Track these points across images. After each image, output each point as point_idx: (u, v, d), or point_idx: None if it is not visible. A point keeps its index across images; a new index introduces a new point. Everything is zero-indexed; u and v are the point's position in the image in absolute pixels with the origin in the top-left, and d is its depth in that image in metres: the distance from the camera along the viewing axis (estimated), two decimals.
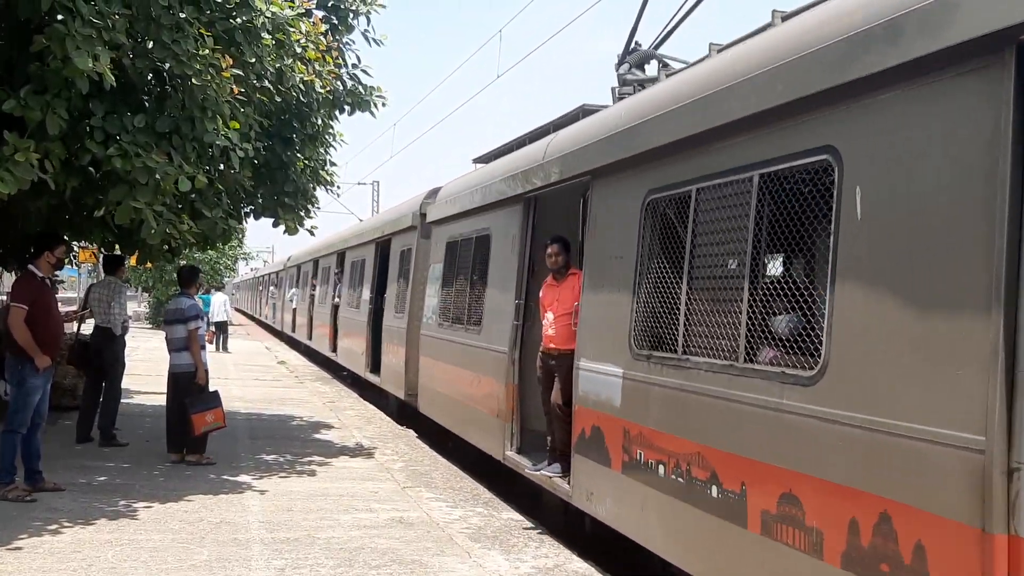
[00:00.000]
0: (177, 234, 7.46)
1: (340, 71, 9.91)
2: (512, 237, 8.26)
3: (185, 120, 7.12)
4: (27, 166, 6.02)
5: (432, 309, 10.93)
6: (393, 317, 13.28)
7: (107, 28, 6.18)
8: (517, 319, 7.96)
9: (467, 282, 9.53)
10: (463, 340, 9.46)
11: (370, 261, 15.96)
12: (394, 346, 13.05)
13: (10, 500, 6.85)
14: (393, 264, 13.99)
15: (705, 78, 5.28)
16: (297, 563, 5.74)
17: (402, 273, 13.14)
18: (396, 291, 13.38)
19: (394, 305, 13.35)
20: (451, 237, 10.43)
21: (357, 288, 17.03)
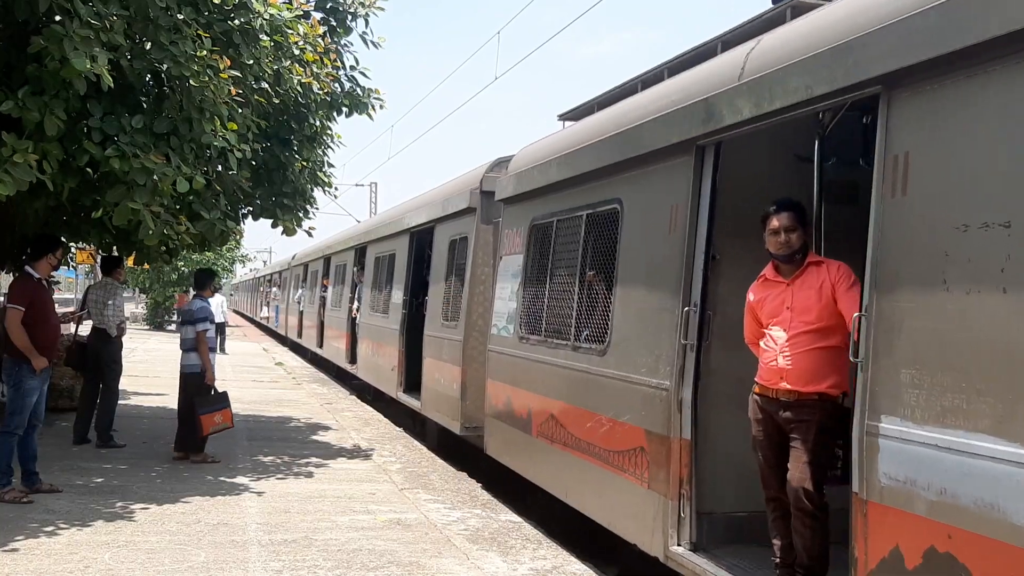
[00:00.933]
0: (175, 235, 7.45)
1: (338, 73, 9.91)
2: (670, 209, 5.51)
3: (183, 121, 7.11)
4: (25, 167, 6.02)
5: (507, 317, 8.24)
6: (440, 326, 10.61)
7: (105, 29, 6.18)
8: (689, 337, 5.20)
9: (573, 279, 6.91)
10: (572, 364, 6.72)
11: (402, 256, 13.13)
12: (442, 364, 10.45)
13: (7, 502, 6.83)
14: (438, 259, 11.24)
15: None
16: (295, 565, 5.74)
17: (452, 270, 10.51)
18: (443, 293, 10.68)
19: (441, 311, 10.70)
20: (540, 217, 7.73)
21: (384, 289, 14.22)
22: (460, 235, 10.33)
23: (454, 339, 10.00)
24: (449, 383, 10.12)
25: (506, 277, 8.43)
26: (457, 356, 9.80)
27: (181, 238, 7.73)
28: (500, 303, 8.54)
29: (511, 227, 8.47)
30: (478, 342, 9.36)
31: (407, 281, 12.71)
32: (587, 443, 6.44)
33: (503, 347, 8.28)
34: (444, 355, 10.39)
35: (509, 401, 8.10)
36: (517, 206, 8.41)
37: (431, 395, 11.07)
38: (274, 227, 10.37)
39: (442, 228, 11.19)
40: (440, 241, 11.22)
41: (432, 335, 11.06)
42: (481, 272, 9.57)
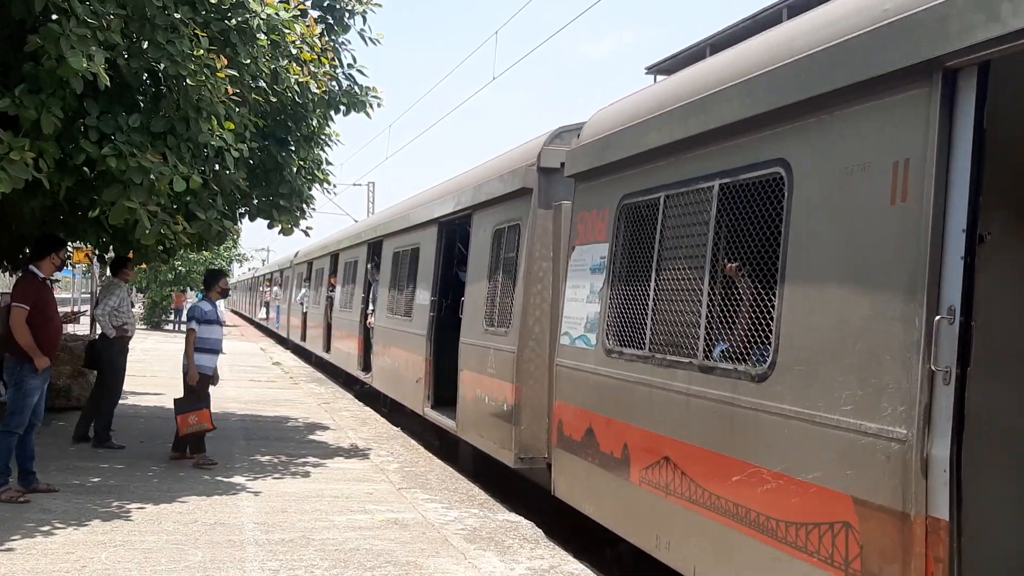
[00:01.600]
0: (172, 235, 7.45)
1: (336, 71, 9.90)
2: (891, 169, 3.82)
3: (180, 120, 7.11)
4: (22, 165, 6.01)
5: (585, 323, 6.53)
6: (483, 333, 8.90)
7: (102, 28, 6.18)
8: (941, 361, 3.50)
9: (697, 274, 5.11)
10: (702, 390, 4.96)
11: (429, 250, 11.41)
12: (486, 379, 8.72)
13: (3, 501, 6.82)
14: (477, 252, 9.56)
15: None
16: (292, 564, 5.73)
17: (499, 265, 8.76)
18: (485, 293, 9.05)
19: (483, 315, 8.98)
20: (636, 194, 5.99)
21: (406, 289, 12.45)
22: (509, 223, 8.52)
23: (504, 349, 8.18)
24: (496, 402, 8.33)
25: (581, 272, 6.71)
26: (508, 370, 7.99)
27: (178, 237, 7.72)
28: (573, 306, 6.75)
29: (588, 208, 6.70)
30: (535, 353, 7.77)
31: (435, 279, 10.95)
32: (733, 504, 4.62)
33: (580, 362, 6.49)
34: (490, 368, 8.57)
35: (591, 433, 6.27)
36: (597, 182, 6.63)
37: (470, 415, 9.22)
38: (271, 227, 10.36)
39: (483, 216, 9.39)
40: (480, 231, 9.47)
41: (472, 343, 9.23)
42: (538, 267, 7.81)
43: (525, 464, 7.86)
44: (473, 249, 9.75)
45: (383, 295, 13.94)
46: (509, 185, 8.50)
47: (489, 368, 8.61)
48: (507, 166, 8.83)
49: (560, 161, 7.51)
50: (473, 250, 9.75)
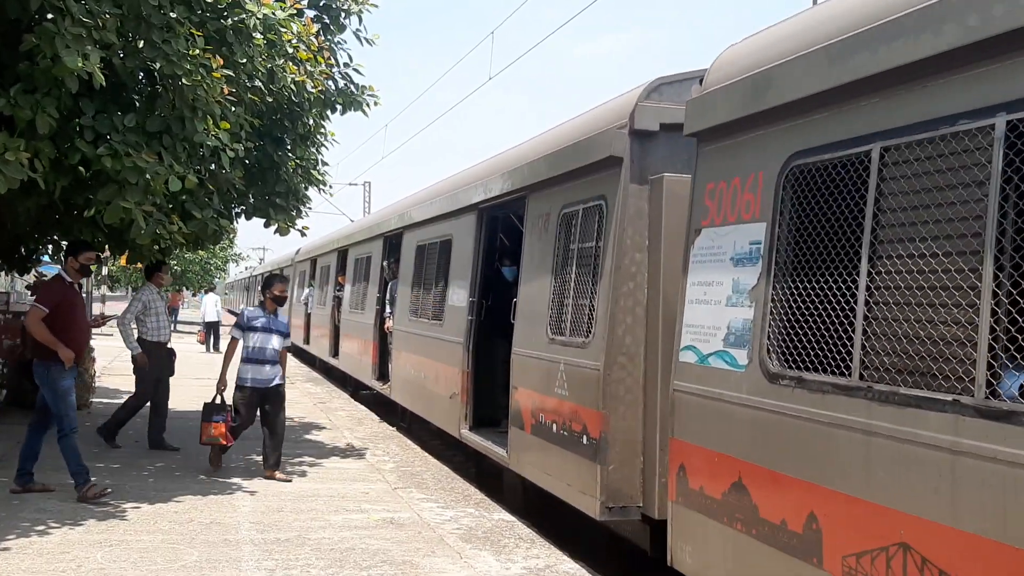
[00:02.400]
0: (167, 234, 7.44)
1: (331, 71, 9.90)
2: None
3: (175, 120, 7.10)
4: (17, 165, 6.00)
5: (727, 334, 4.85)
6: (546, 344, 7.18)
7: (97, 27, 6.17)
8: None
9: (967, 263, 3.43)
10: (995, 448, 3.19)
11: (465, 243, 9.70)
12: (554, 400, 6.99)
13: (90, 499, 6.99)
14: (535, 243, 7.73)
15: None
16: (287, 564, 5.73)
17: (569, 258, 7.04)
18: (548, 293, 7.27)
19: (548, 321, 7.21)
20: (818, 150, 4.32)
21: (433, 288, 10.76)
22: (585, 204, 6.82)
23: (583, 366, 6.50)
24: (571, 433, 6.66)
25: (715, 264, 5.02)
26: (590, 392, 6.33)
27: (173, 237, 7.71)
28: (700, 311, 5.08)
29: (725, 176, 5.00)
30: (626, 372, 6.15)
31: (473, 277, 9.25)
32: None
33: (719, 388, 4.79)
34: (559, 388, 6.90)
35: (742, 489, 4.58)
36: (743, 139, 4.87)
37: (530, 446, 7.47)
38: (267, 226, 10.36)
39: (543, 198, 7.70)
40: (539, 217, 7.71)
41: (530, 355, 7.50)
42: (629, 260, 6.15)
43: (614, 515, 6.19)
44: (529, 239, 7.89)
45: (404, 295, 12.15)
46: (586, 156, 6.77)
47: (559, 388, 6.88)
48: (580, 132, 7.08)
49: (660, 122, 6.15)
50: (529, 240, 7.89)
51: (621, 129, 6.32)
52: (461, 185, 10.22)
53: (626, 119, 6.30)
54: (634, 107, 6.27)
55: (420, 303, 11.31)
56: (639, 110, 6.25)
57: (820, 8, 4.76)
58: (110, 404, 12.65)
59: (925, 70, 3.65)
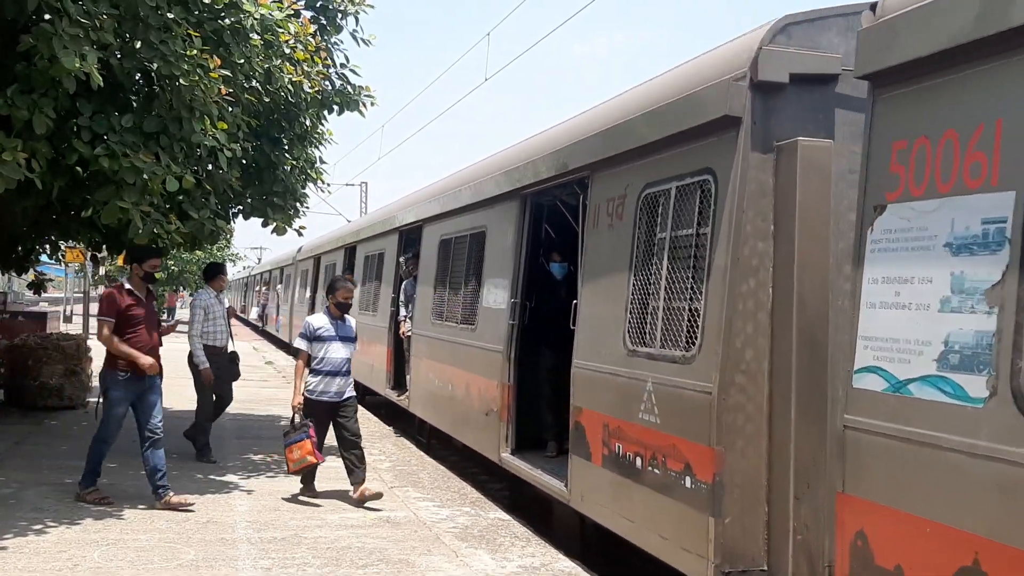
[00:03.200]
0: (164, 234, 7.45)
1: (329, 71, 9.92)
2: None
3: (173, 120, 7.11)
4: (14, 165, 6.01)
5: (943, 354, 3.45)
6: (624, 357, 5.88)
7: (95, 28, 6.18)
8: None
9: None
10: None
11: (505, 235, 8.41)
12: (640, 431, 5.66)
13: (88, 502, 7.00)
14: (606, 231, 6.39)
15: None
16: (284, 563, 5.75)
17: (656, 248, 5.71)
18: (625, 293, 5.96)
19: (625, 328, 5.90)
20: None
21: (462, 288, 9.52)
22: (682, 181, 5.45)
23: (684, 387, 5.17)
24: (665, 471, 5.32)
25: (919, 252, 3.67)
26: (696, 422, 5.04)
27: (171, 237, 7.72)
28: (890, 318, 3.75)
29: (929, 131, 3.67)
30: (747, 396, 4.87)
31: (515, 275, 7.98)
32: None
33: (939, 431, 3.43)
34: (646, 414, 5.56)
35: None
36: (964, 75, 3.56)
37: (600, 480, 6.12)
38: (264, 226, 10.38)
39: (613, 177, 6.35)
40: (608, 201, 6.35)
41: (598, 370, 6.24)
42: (750, 251, 4.90)
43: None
44: (593, 229, 6.57)
45: (425, 296, 10.85)
46: (686, 118, 5.36)
47: (645, 413, 5.53)
48: (675, 90, 5.65)
49: (789, 72, 4.87)
50: (593, 230, 6.57)
51: (739, 81, 4.94)
52: (498, 168, 8.79)
53: (744, 68, 4.92)
54: (756, 53, 4.91)
55: (446, 305, 10.04)
56: (763, 56, 4.89)
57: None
58: None
59: None
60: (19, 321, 14.83)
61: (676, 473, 5.19)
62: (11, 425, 10.34)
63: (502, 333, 8.08)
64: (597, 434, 6.18)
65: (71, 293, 40.96)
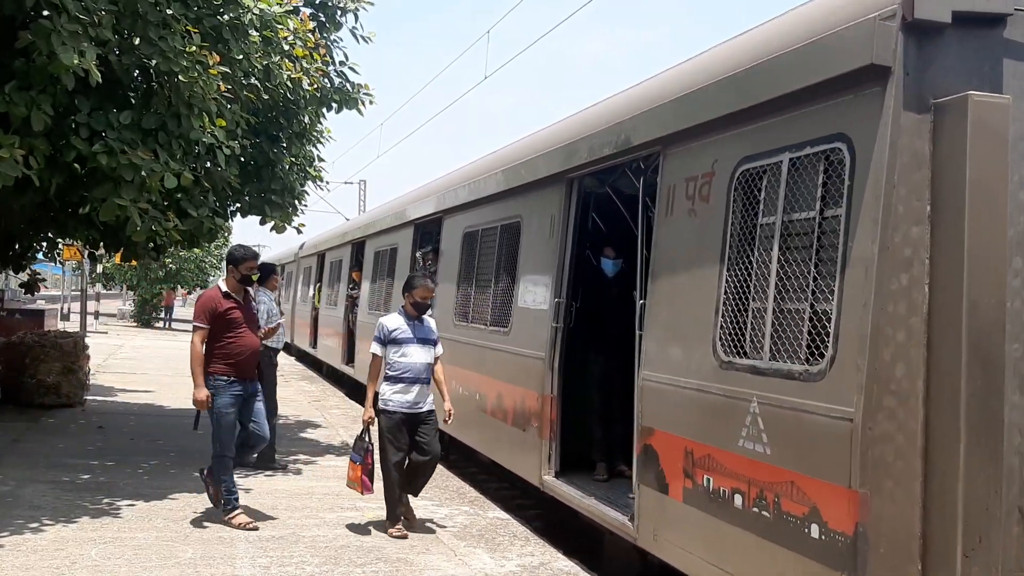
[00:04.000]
0: (162, 232, 7.44)
1: (328, 68, 9.91)
2: None
3: (171, 117, 7.10)
4: (11, 162, 5.99)
5: None
6: (715, 370, 4.85)
7: (93, 24, 6.16)
8: None
9: None
10: None
11: (542, 226, 7.45)
12: (742, 462, 4.58)
13: (235, 527, 6.43)
14: (674, 221, 5.46)
15: None
16: (282, 561, 5.74)
17: (763, 239, 4.62)
18: (716, 293, 4.92)
19: (716, 335, 4.86)
20: None
21: (492, 286, 8.58)
22: (800, 152, 4.37)
23: (809, 410, 4.12)
24: (780, 515, 4.28)
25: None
26: (828, 454, 4.00)
27: (169, 234, 7.71)
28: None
29: None
30: (898, 424, 3.88)
31: (560, 272, 7.00)
32: None
33: None
34: (750, 441, 4.50)
35: None
36: None
37: (681, 518, 5.08)
38: (263, 224, 10.37)
39: (693, 153, 5.29)
40: (687, 182, 5.29)
41: (677, 384, 5.19)
42: (903, 239, 3.92)
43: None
44: (668, 214, 5.48)
45: (446, 295, 9.87)
46: (803, 72, 4.33)
47: (749, 441, 4.49)
48: (788, 37, 4.60)
49: (952, 9, 3.90)
50: (666, 217, 5.50)
51: (887, 21, 3.93)
52: (537, 150, 7.73)
53: (895, 5, 3.93)
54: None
55: (471, 304, 9.10)
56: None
57: None
58: (105, 402, 12.66)
59: None
60: (16, 319, 14.79)
61: (796, 519, 4.14)
62: (8, 423, 10.31)
63: (543, 337, 7.07)
64: (676, 462, 5.13)
65: (68, 291, 40.91)
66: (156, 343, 26.24)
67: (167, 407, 12.55)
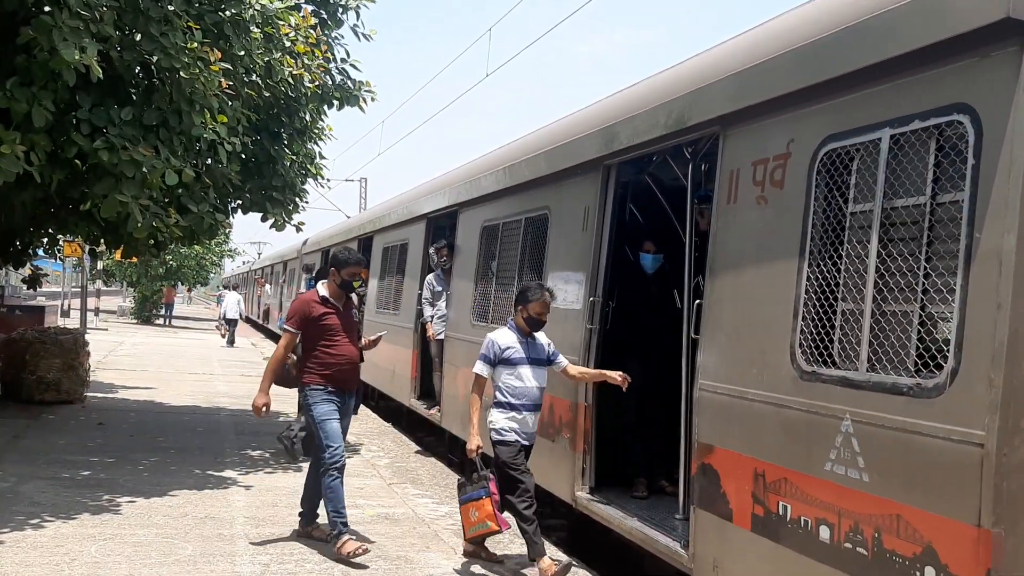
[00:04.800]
0: (163, 228, 7.43)
1: (329, 65, 9.90)
2: None
3: (172, 114, 7.09)
4: (12, 158, 5.99)
5: None
6: (795, 382, 4.17)
7: (95, 20, 6.16)
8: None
9: None
10: None
11: (574, 218, 6.81)
12: (818, 485, 4.00)
13: (344, 555, 5.70)
14: (736, 210, 4.82)
15: None
16: (282, 558, 5.73)
17: (854, 228, 3.98)
18: (793, 292, 4.27)
19: (796, 340, 4.19)
20: None
21: (513, 285, 7.74)
22: (904, 127, 3.71)
23: (924, 431, 3.49)
24: (882, 553, 3.63)
25: None
26: (951, 488, 3.39)
27: (170, 231, 7.71)
28: None
29: None
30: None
31: (595, 268, 6.40)
32: None
33: None
34: (843, 465, 3.85)
35: None
36: None
37: (750, 550, 4.46)
38: (264, 220, 10.36)
39: (773, 129, 4.56)
40: (755, 166, 4.66)
41: (744, 396, 4.57)
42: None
43: None
44: (731, 201, 4.86)
45: (463, 293, 9.34)
46: (911, 33, 3.67)
47: (841, 465, 3.86)
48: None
49: None
50: (731, 204, 4.86)
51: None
52: (567, 135, 7.09)
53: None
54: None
55: (491, 303, 8.48)
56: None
57: None
58: (106, 398, 12.66)
59: None
60: (17, 315, 14.79)
61: (902, 559, 3.52)
62: (8, 419, 10.31)
63: (575, 339, 6.43)
64: (742, 485, 4.52)
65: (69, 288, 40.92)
66: (156, 340, 26.26)
67: (167, 404, 12.55)
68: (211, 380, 16.12)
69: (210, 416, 11.74)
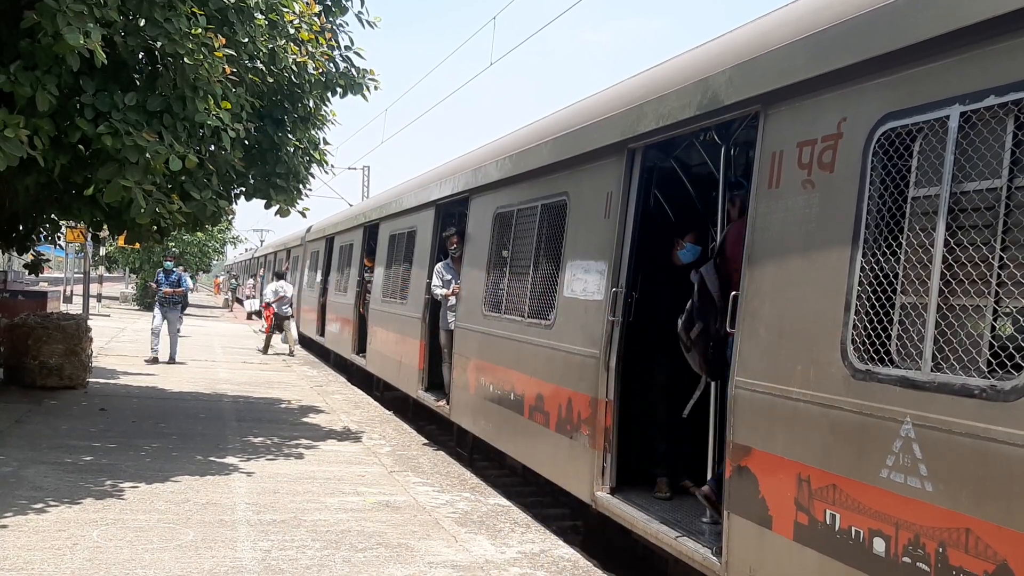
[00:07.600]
0: (167, 214, 7.42)
1: (333, 53, 9.87)
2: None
3: (176, 99, 7.08)
4: (16, 143, 5.98)
5: None
6: (847, 381, 3.84)
7: (99, 5, 6.14)
8: None
9: None
10: None
11: (597, 205, 6.52)
12: (870, 493, 3.69)
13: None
14: (778, 196, 4.46)
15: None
16: (283, 544, 5.75)
17: (921, 215, 3.62)
18: (845, 284, 3.93)
19: (847, 337, 3.86)
20: None
21: (527, 274, 7.72)
22: (980, 103, 3.36)
23: (1006, 440, 3.12)
24: (941, 569, 3.34)
25: None
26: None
27: (173, 217, 7.69)
28: None
29: None
30: None
31: (618, 257, 6.13)
32: None
33: None
34: (900, 472, 3.56)
35: None
36: None
37: (794, 562, 4.13)
38: (267, 207, 10.35)
39: (822, 107, 4.22)
40: (812, 146, 4.26)
41: (790, 396, 4.23)
42: None
43: None
44: (774, 186, 4.49)
45: (475, 282, 9.02)
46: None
47: (896, 472, 3.57)
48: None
49: None
50: (774, 188, 4.49)
51: None
52: (588, 118, 6.77)
53: None
54: None
55: (504, 293, 8.17)
56: None
57: None
58: (108, 384, 12.69)
59: None
60: (19, 300, 14.82)
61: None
62: (11, 404, 10.33)
63: (596, 332, 6.19)
64: (784, 490, 4.21)
65: (71, 273, 40.97)
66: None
67: (169, 390, 12.58)
68: (213, 367, 16.14)
69: (212, 403, 11.76)
